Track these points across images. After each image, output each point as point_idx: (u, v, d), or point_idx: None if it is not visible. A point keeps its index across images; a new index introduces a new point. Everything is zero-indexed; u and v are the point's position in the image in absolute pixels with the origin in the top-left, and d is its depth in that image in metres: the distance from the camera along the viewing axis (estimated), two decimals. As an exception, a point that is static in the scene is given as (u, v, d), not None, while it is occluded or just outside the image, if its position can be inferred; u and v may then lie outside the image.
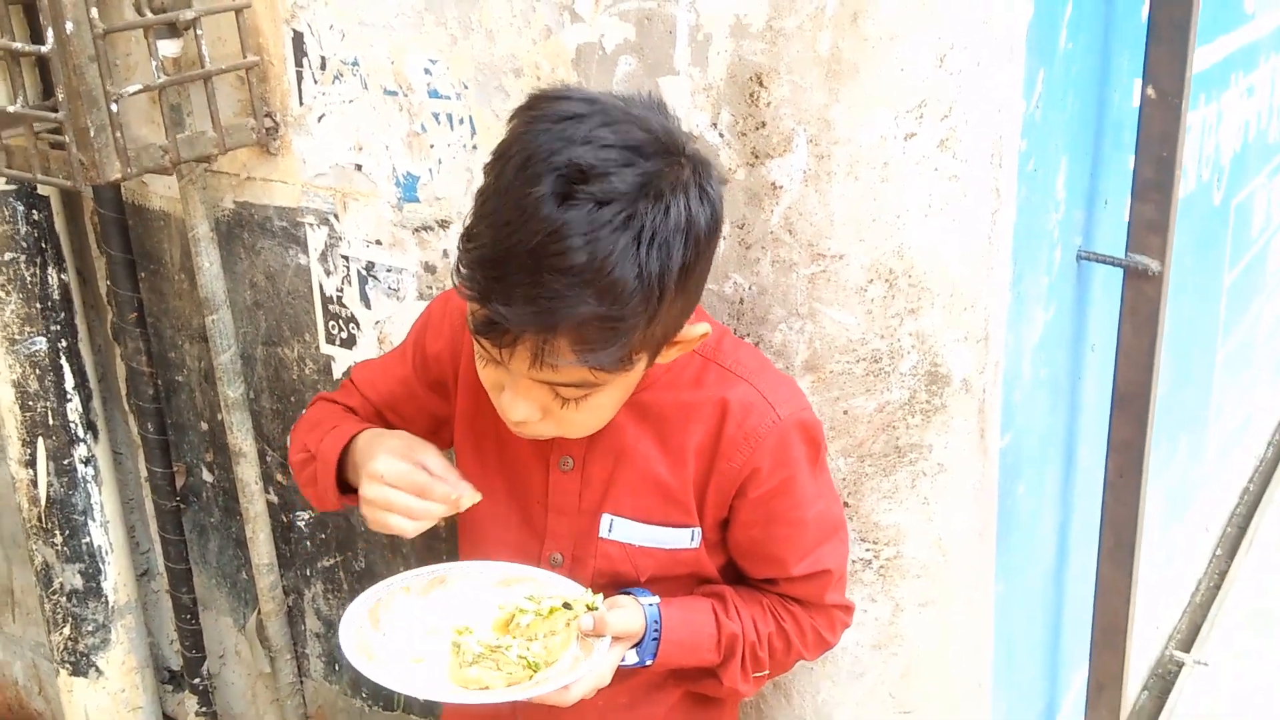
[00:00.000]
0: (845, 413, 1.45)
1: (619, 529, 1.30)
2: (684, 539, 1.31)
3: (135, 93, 1.56)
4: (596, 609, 1.22)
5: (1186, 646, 2.77)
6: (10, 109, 1.58)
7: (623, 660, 1.26)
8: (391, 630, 1.25)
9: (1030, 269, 1.58)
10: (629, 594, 1.29)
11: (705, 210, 1.08)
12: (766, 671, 1.35)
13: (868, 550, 1.51)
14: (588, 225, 1.00)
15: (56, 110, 1.53)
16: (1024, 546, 1.77)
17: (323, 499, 1.37)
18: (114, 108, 1.53)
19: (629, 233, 1.02)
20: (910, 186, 1.36)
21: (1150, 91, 1.67)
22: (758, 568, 1.34)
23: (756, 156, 1.37)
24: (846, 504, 1.49)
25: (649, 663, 1.28)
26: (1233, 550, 3.11)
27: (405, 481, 1.22)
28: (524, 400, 1.15)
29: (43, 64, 1.72)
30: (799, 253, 1.39)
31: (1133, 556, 1.86)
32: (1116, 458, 1.83)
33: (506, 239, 1.02)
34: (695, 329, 1.18)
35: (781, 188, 1.37)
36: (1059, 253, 1.69)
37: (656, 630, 1.26)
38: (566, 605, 1.22)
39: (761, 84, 1.34)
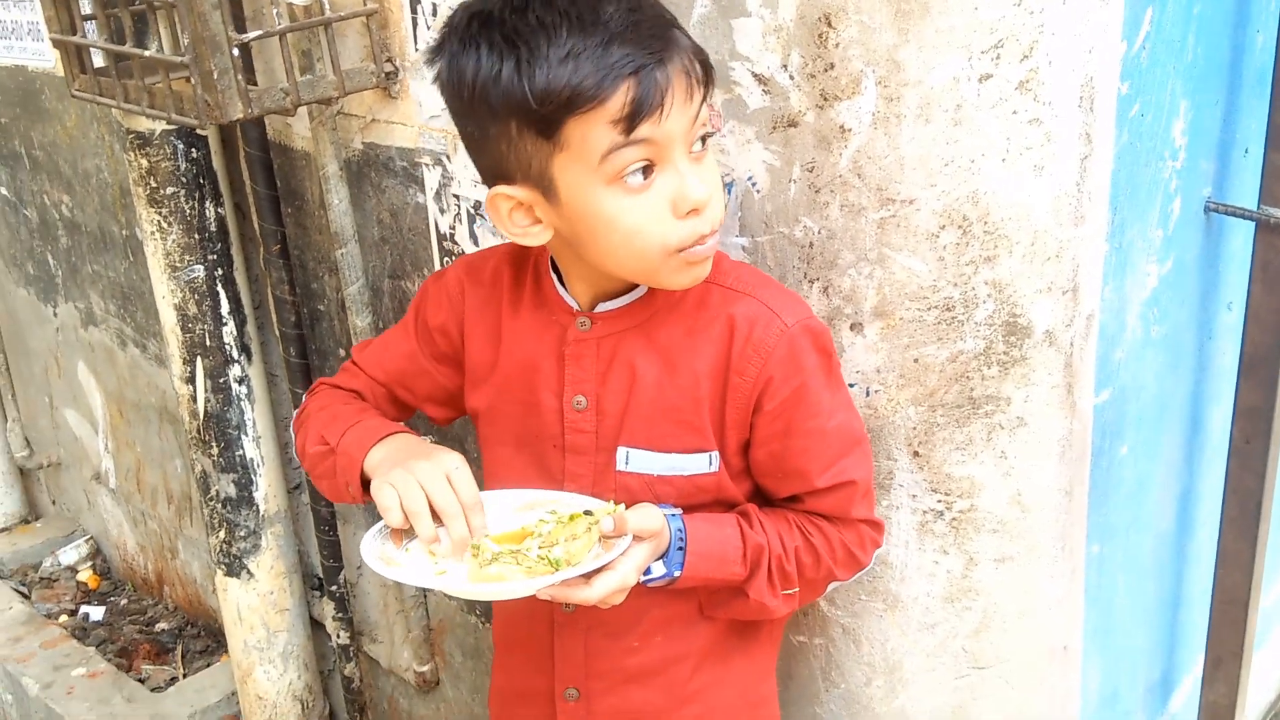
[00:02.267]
0: (916, 361, 1.42)
1: (635, 460, 1.32)
2: (702, 464, 1.32)
3: (256, 38, 1.66)
4: (602, 512, 1.24)
5: (1356, 630, 2.58)
6: (148, 54, 1.70)
7: (649, 574, 1.26)
8: (416, 548, 1.28)
9: (1136, 220, 1.50)
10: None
11: None
12: (796, 589, 1.35)
13: (939, 501, 1.49)
14: None
15: (184, 55, 1.64)
16: (1129, 509, 1.69)
17: (341, 493, 1.38)
18: (235, 52, 1.63)
19: None
20: (986, 130, 1.31)
21: (1290, 30, 1.54)
22: (781, 485, 1.34)
23: (825, 99, 1.35)
24: (917, 453, 1.47)
25: (676, 574, 1.28)
26: None
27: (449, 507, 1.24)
28: (692, 174, 1.18)
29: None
30: (868, 197, 1.37)
31: (1258, 526, 1.75)
32: (1243, 423, 1.72)
33: (599, 19, 1.11)
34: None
35: (850, 130, 1.34)
36: (1178, 204, 1.58)
37: (681, 540, 1.27)
38: (587, 513, 1.24)
39: (830, 24, 1.31)
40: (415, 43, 1.79)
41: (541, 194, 1.19)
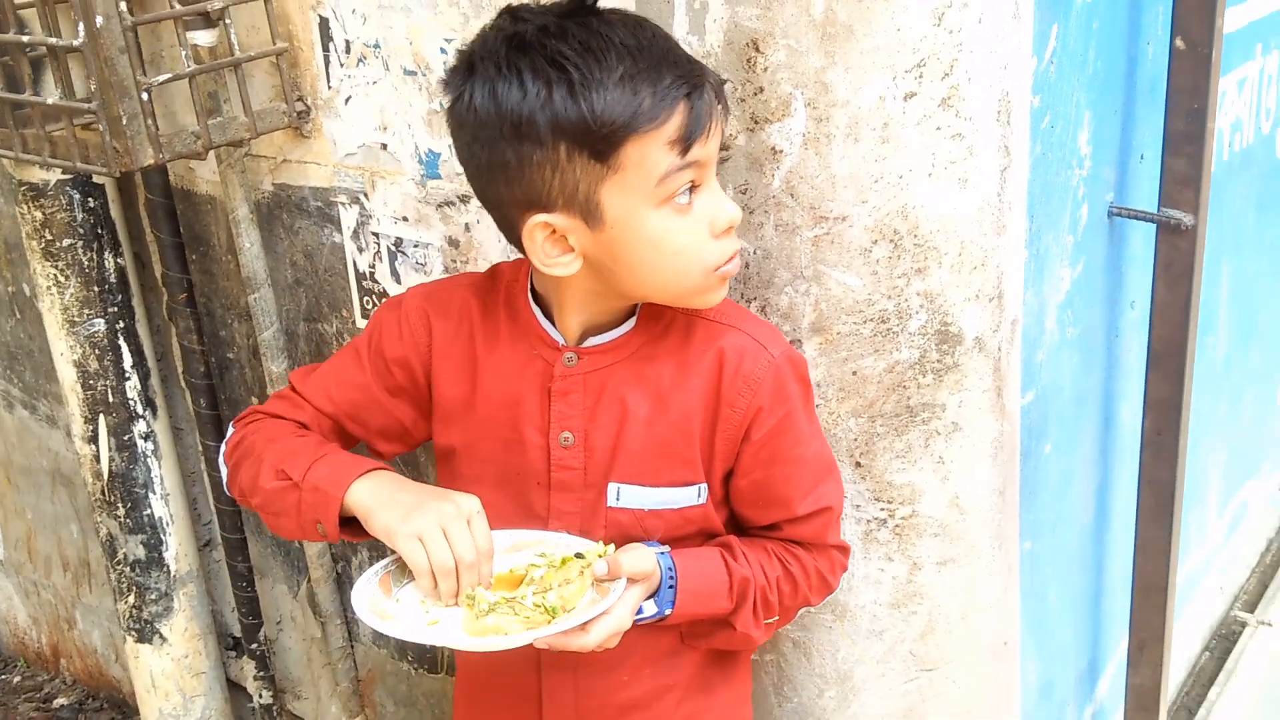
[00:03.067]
0: (854, 373, 1.45)
1: (626, 496, 1.32)
2: (691, 496, 1.32)
3: (165, 81, 1.62)
4: (593, 555, 1.23)
5: (1252, 607, 2.71)
6: (50, 101, 1.65)
7: (640, 613, 1.26)
8: (406, 598, 1.26)
9: (1050, 226, 1.56)
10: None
11: None
12: (777, 617, 1.37)
13: (882, 510, 1.52)
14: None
15: (90, 101, 1.59)
16: (1055, 505, 1.75)
17: (305, 530, 1.29)
18: (145, 96, 1.58)
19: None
20: (912, 146, 1.35)
21: (1179, 43, 1.62)
22: (762, 513, 1.35)
23: (756, 122, 1.37)
24: (859, 464, 1.50)
25: (668, 612, 1.28)
26: (1306, 511, 3.03)
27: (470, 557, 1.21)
28: (723, 194, 1.23)
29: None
30: (801, 216, 1.40)
31: (1172, 514, 1.83)
32: (1153, 415, 1.80)
33: (652, 50, 1.14)
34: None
35: (782, 152, 1.37)
36: (1085, 210, 1.66)
37: (672, 578, 1.27)
38: (578, 555, 1.24)
39: (758, 49, 1.34)
40: (328, 80, 1.77)
41: (583, 220, 1.18)
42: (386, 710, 2.28)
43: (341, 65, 1.75)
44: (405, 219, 1.78)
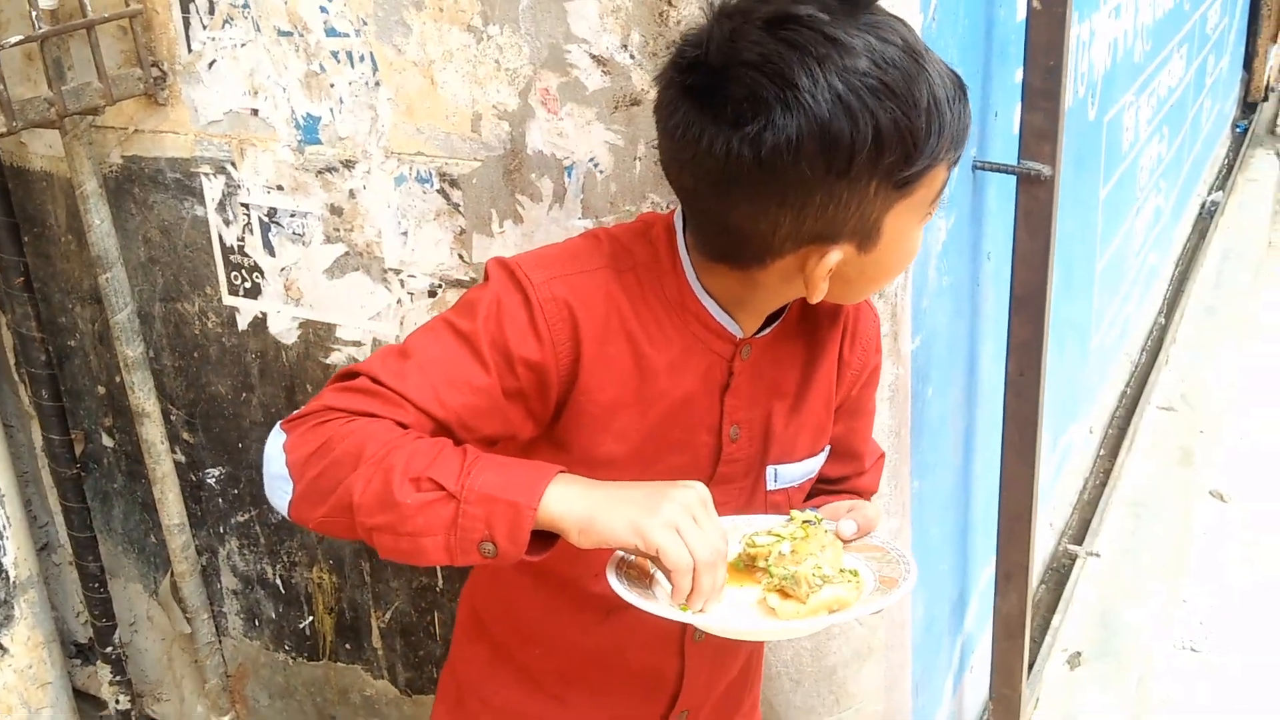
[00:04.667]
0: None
1: (783, 475, 1.27)
2: (822, 457, 1.31)
3: (17, 43, 1.50)
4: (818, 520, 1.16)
5: (1078, 540, 2.91)
6: (-121, 63, 1.50)
7: None
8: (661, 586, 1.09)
9: (930, 178, 1.63)
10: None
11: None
12: None
13: (793, 458, 1.56)
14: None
15: (-69, 61, 1.46)
16: (935, 446, 1.84)
17: (455, 549, 1.02)
18: (-6, 58, 1.46)
19: None
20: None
21: (1035, 3, 1.72)
22: (837, 466, 1.35)
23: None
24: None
25: None
26: (1114, 450, 3.28)
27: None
28: None
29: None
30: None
31: (1034, 450, 1.95)
32: (1016, 357, 1.91)
33: (944, 87, 1.03)
34: None
35: (694, 105, 1.38)
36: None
37: None
38: (808, 522, 1.15)
39: (670, 3, 1.35)
40: (188, 44, 1.67)
41: (857, 246, 1.08)
42: (261, 704, 2.19)
43: (204, 27, 1.65)
44: (280, 188, 1.70)
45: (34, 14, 1.52)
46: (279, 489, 1.09)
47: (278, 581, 2.04)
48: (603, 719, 1.37)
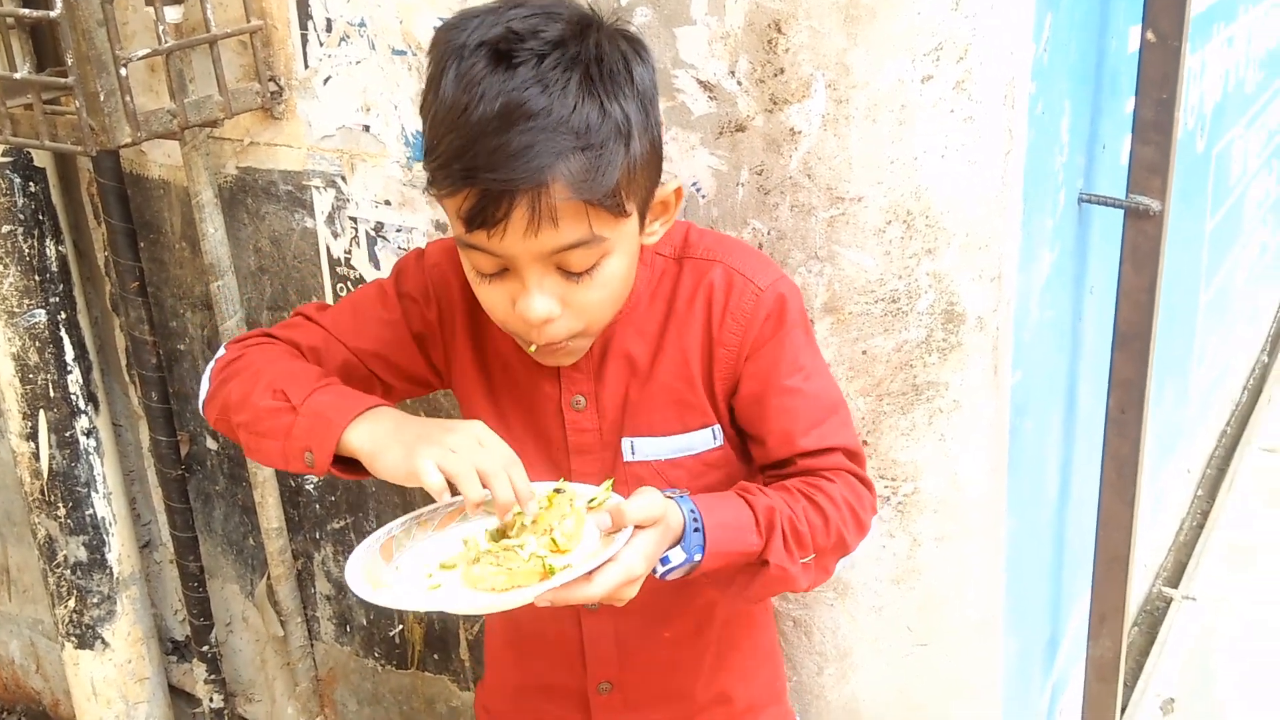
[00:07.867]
0: (864, 353, 1.48)
1: (641, 448, 1.32)
2: (707, 439, 1.32)
3: (144, 56, 1.55)
4: (603, 497, 1.18)
5: (1173, 583, 2.84)
6: (17, 75, 1.56)
7: (667, 563, 1.18)
8: (408, 564, 1.20)
9: (1038, 210, 1.61)
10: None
11: (639, 61, 1.16)
12: (813, 555, 1.28)
13: (886, 487, 1.54)
14: (535, 75, 1.07)
15: (64, 76, 1.51)
16: (1032, 482, 1.81)
17: (289, 457, 1.19)
18: (123, 72, 1.52)
19: (577, 71, 1.09)
20: (927, 128, 1.38)
21: (1150, 35, 1.69)
22: (765, 448, 1.31)
23: (775, 103, 1.38)
24: (865, 442, 1.52)
25: (698, 557, 1.18)
26: (1213, 491, 3.19)
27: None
28: (539, 291, 1.14)
29: (35, 32, 1.71)
30: (818, 196, 1.41)
31: (1134, 489, 1.90)
32: (1118, 394, 1.87)
33: (469, 119, 1.08)
34: (670, 185, 1.23)
35: (800, 133, 1.39)
36: (1063, 195, 1.71)
37: (695, 519, 1.19)
38: (557, 491, 1.19)
39: (780, 30, 1.35)
40: (305, 60, 1.72)
41: None
42: (349, 710, 2.23)
43: (321, 44, 1.70)
44: (387, 203, 1.73)
45: (160, 28, 1.57)
46: (200, 391, 1.35)
47: (368, 588, 2.08)
48: (538, 688, 1.47)
